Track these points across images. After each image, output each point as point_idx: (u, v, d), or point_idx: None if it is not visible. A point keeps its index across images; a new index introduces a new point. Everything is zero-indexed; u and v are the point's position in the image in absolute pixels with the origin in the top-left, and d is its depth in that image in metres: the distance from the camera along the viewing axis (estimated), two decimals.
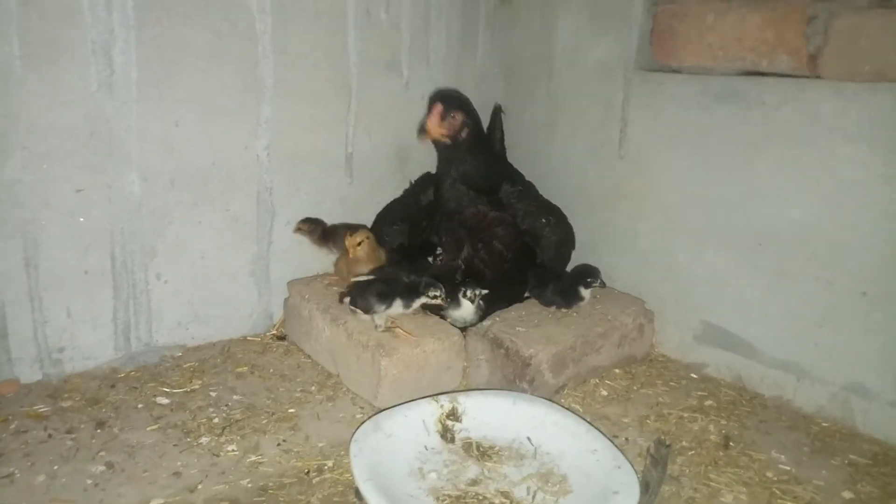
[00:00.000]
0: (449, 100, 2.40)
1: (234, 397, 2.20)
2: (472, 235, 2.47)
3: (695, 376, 2.43)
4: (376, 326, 2.25)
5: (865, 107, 1.95)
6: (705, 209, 2.40)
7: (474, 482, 1.79)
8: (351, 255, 2.40)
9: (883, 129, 1.92)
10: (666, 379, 2.40)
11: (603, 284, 2.46)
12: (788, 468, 1.89)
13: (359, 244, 2.43)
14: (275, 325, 2.70)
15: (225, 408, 2.13)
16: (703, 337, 2.47)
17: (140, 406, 2.11)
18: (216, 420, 2.06)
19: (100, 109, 2.15)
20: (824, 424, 2.11)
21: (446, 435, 1.97)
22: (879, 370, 2.01)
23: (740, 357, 2.35)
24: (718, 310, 2.41)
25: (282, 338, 2.64)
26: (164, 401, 2.15)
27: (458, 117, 2.37)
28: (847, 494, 1.78)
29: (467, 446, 1.94)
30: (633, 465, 1.73)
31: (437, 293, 2.26)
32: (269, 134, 2.53)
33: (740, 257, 2.31)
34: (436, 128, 2.35)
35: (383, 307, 2.21)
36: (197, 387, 2.24)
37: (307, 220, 2.58)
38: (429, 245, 2.49)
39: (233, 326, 2.61)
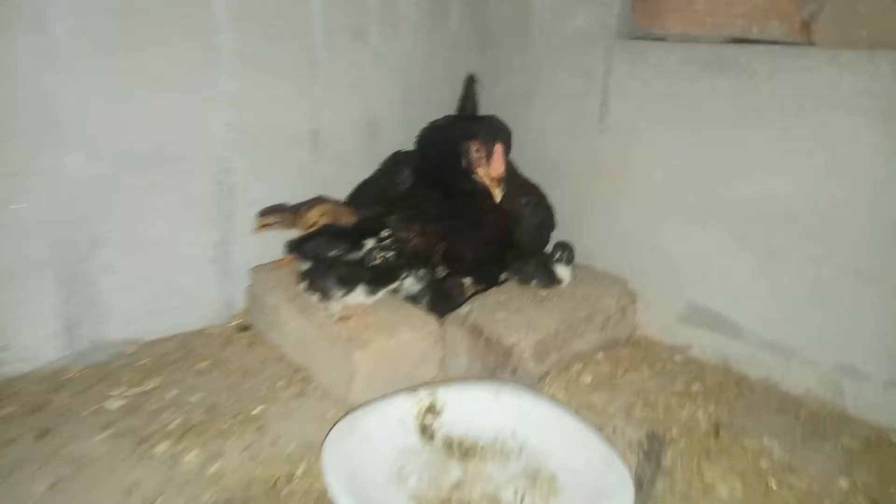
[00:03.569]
0: (506, 138, 2.26)
1: (194, 397, 2.03)
2: (465, 226, 2.34)
3: (679, 358, 2.35)
4: (330, 315, 2.10)
5: (862, 76, 1.85)
6: (691, 184, 2.29)
7: (457, 486, 1.68)
8: None
9: (880, 100, 1.82)
10: (651, 362, 2.31)
11: (569, 259, 2.34)
12: (782, 455, 1.82)
13: (311, 227, 2.28)
14: (237, 315, 2.52)
15: (184, 410, 1.96)
16: (687, 317, 2.38)
17: (88, 411, 1.92)
18: (174, 424, 1.89)
19: (37, 83, 1.93)
20: (814, 407, 2.05)
21: (426, 433, 1.84)
22: (871, 351, 1.95)
23: (726, 338, 2.27)
24: (704, 289, 2.33)
25: (245, 328, 2.47)
26: (116, 404, 1.97)
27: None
28: (843, 483, 1.72)
29: (448, 445, 1.82)
30: (625, 463, 1.63)
31: (416, 272, 2.18)
32: (229, 109, 2.32)
33: (727, 235, 2.22)
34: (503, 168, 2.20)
35: (342, 293, 2.07)
36: (153, 387, 2.07)
37: (273, 211, 2.38)
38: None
39: (192, 318, 2.42)
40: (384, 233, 2.30)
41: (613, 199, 2.54)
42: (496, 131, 2.22)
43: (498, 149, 2.15)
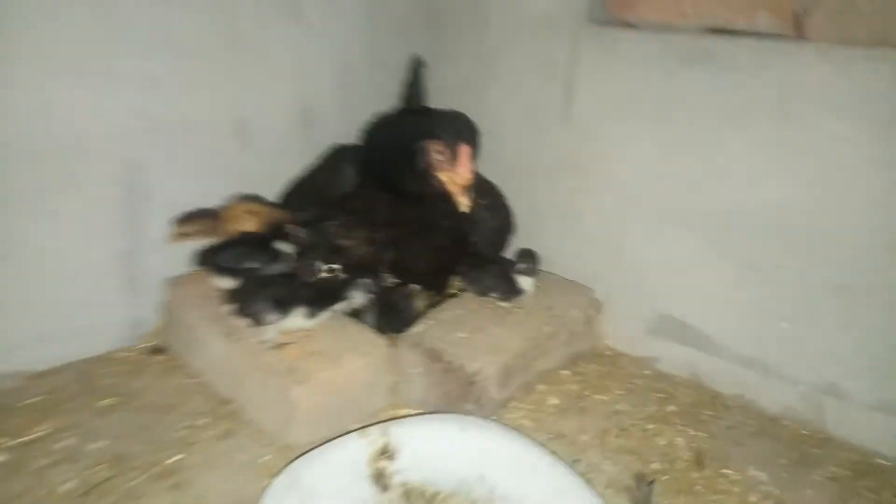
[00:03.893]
0: (473, 138, 1.93)
1: (97, 445, 1.68)
2: (418, 233, 2.06)
3: (648, 373, 2.18)
4: (264, 342, 1.80)
5: (859, 76, 1.69)
6: (664, 187, 2.10)
7: None
8: None
9: (878, 104, 1.67)
10: (619, 380, 2.13)
11: (532, 270, 2.11)
12: (771, 489, 1.68)
13: (235, 221, 1.98)
14: (150, 336, 2.16)
15: (83, 463, 1.61)
16: (656, 329, 2.21)
17: None
18: (71, 484, 1.54)
19: None
20: (794, 428, 1.92)
21: (380, 481, 1.58)
22: (856, 370, 1.83)
23: (698, 352, 2.12)
24: (675, 300, 2.16)
25: (159, 351, 2.11)
26: None
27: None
28: None
29: (407, 495, 1.57)
30: None
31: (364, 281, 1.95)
32: (135, 96, 1.95)
33: (703, 243, 2.05)
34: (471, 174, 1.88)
35: (277, 318, 1.76)
36: (43, 433, 1.70)
37: (193, 217, 2.03)
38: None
39: (95, 341, 2.04)
40: (287, 228, 1.99)
41: (577, 199, 2.32)
42: (461, 129, 1.91)
43: (464, 150, 1.85)
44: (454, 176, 1.85)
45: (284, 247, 1.99)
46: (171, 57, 2.00)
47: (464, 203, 1.85)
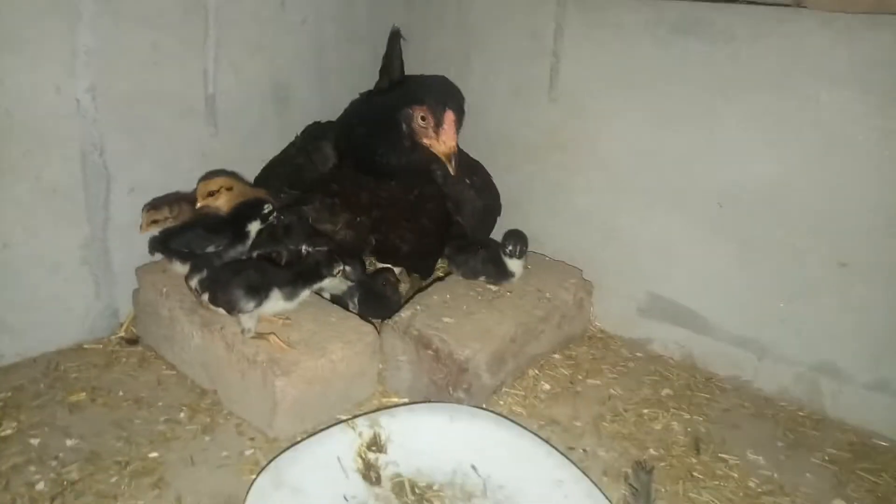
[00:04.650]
0: (458, 104, 1.86)
1: (68, 443, 1.60)
2: (402, 215, 1.97)
3: (641, 355, 2.14)
4: (243, 331, 1.71)
5: (860, 44, 1.62)
6: (655, 163, 2.03)
7: None
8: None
9: (881, 72, 1.61)
10: (612, 362, 2.08)
11: (522, 252, 2.03)
12: (770, 473, 1.64)
13: (210, 195, 1.87)
14: (122, 325, 2.06)
15: (54, 463, 1.53)
16: (648, 310, 2.16)
17: None
18: (41, 486, 1.46)
19: None
20: (791, 409, 1.89)
21: (369, 474, 1.52)
22: (855, 350, 1.79)
23: (692, 332, 2.07)
24: (668, 280, 2.10)
25: (133, 341, 2.02)
26: None
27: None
28: (839, 503, 1.56)
29: (398, 487, 1.51)
30: (609, 500, 1.39)
31: (345, 268, 1.84)
32: (92, 71, 1.84)
33: (696, 221, 1.99)
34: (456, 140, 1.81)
35: (253, 304, 1.67)
36: (10, 432, 1.61)
37: (163, 203, 1.91)
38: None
39: (62, 333, 1.95)
40: (266, 208, 1.89)
41: (566, 177, 2.25)
42: (446, 95, 1.84)
43: (449, 116, 1.77)
44: (439, 144, 1.77)
45: (254, 226, 1.89)
46: (131, 29, 1.88)
47: (452, 169, 1.78)
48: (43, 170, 1.81)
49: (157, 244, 1.86)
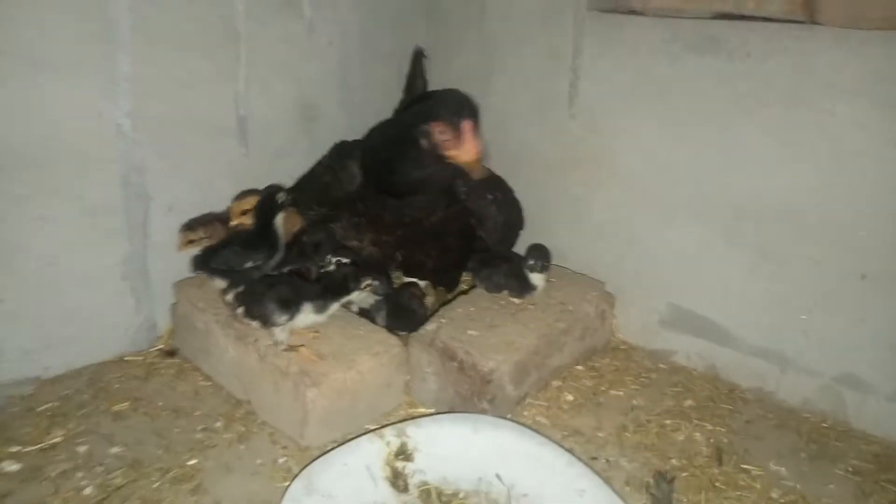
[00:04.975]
0: (472, 112, 1.90)
1: (112, 450, 1.68)
2: (426, 232, 2.04)
3: (664, 367, 2.16)
4: (276, 343, 1.78)
5: (872, 60, 1.66)
6: (674, 178, 2.07)
7: None
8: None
9: (892, 86, 1.64)
10: (634, 374, 2.11)
11: (544, 267, 2.07)
12: (792, 484, 1.66)
13: (244, 214, 1.96)
14: (161, 338, 2.15)
15: (100, 469, 1.61)
16: (670, 322, 2.19)
17: None
18: (88, 490, 1.54)
19: None
20: (814, 421, 1.90)
21: (397, 482, 1.57)
22: (877, 361, 1.80)
23: (714, 344, 2.10)
24: (689, 292, 2.13)
25: (171, 353, 2.11)
26: (12, 467, 1.60)
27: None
28: None
29: (425, 495, 1.56)
30: None
31: (372, 283, 1.87)
32: (132, 96, 1.93)
33: (715, 233, 2.02)
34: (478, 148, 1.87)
35: (286, 318, 1.74)
36: (58, 440, 1.70)
37: (199, 223, 2.01)
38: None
39: (104, 346, 2.04)
40: (279, 198, 1.96)
41: (586, 192, 2.30)
42: (459, 106, 1.89)
43: (466, 126, 1.83)
44: (462, 153, 1.83)
45: (279, 219, 1.96)
46: (167, 55, 1.97)
47: (477, 173, 1.86)
48: (86, 191, 1.91)
49: (199, 264, 1.94)
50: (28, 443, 1.67)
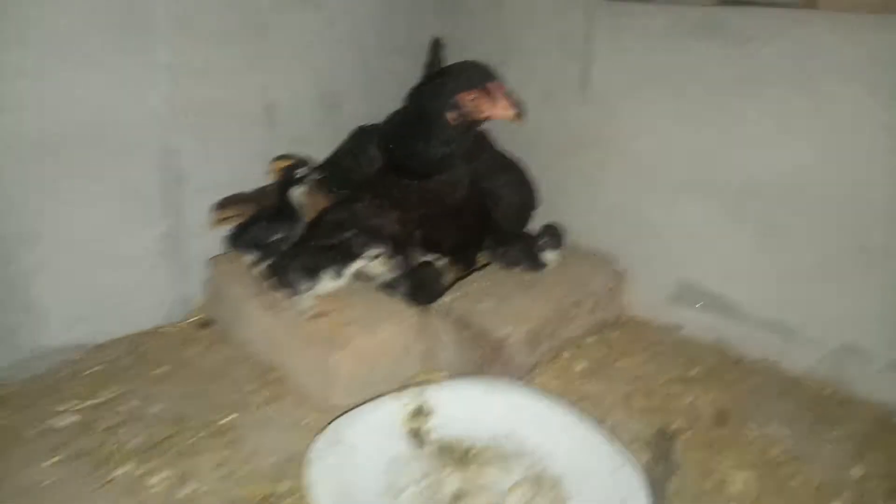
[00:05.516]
0: (493, 73, 2.04)
1: (154, 408, 1.82)
2: (444, 212, 2.15)
3: (672, 339, 2.26)
4: (303, 311, 1.92)
5: (867, 43, 1.74)
6: (681, 158, 2.17)
7: (458, 496, 1.55)
8: None
9: (887, 70, 1.72)
10: (643, 345, 2.21)
11: (556, 245, 2.19)
12: (791, 444, 1.75)
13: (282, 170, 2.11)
14: (196, 311, 2.29)
15: (144, 424, 1.76)
16: (678, 296, 2.28)
17: (34, 432, 1.71)
18: (134, 442, 1.69)
19: None
20: (816, 389, 1.98)
21: (416, 438, 1.69)
22: (877, 330, 1.88)
23: (721, 317, 2.19)
24: (696, 267, 2.23)
25: (206, 325, 2.25)
26: (65, 421, 1.75)
27: None
28: (857, 471, 1.66)
29: (442, 450, 1.68)
30: (635, 463, 1.53)
31: (378, 251, 1.97)
32: (168, 83, 2.06)
33: (722, 211, 2.11)
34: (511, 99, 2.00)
35: (308, 285, 1.88)
36: (105, 399, 1.85)
37: (231, 202, 2.15)
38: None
39: (143, 316, 2.19)
40: (298, 172, 2.10)
41: (598, 172, 2.40)
42: (482, 70, 2.03)
43: (495, 86, 1.97)
44: (499, 109, 1.97)
45: (296, 192, 2.09)
46: (200, 46, 2.10)
47: (522, 121, 1.99)
48: (127, 173, 2.05)
49: (232, 240, 2.09)
50: (78, 401, 1.82)
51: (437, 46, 2.57)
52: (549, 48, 2.43)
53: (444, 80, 2.11)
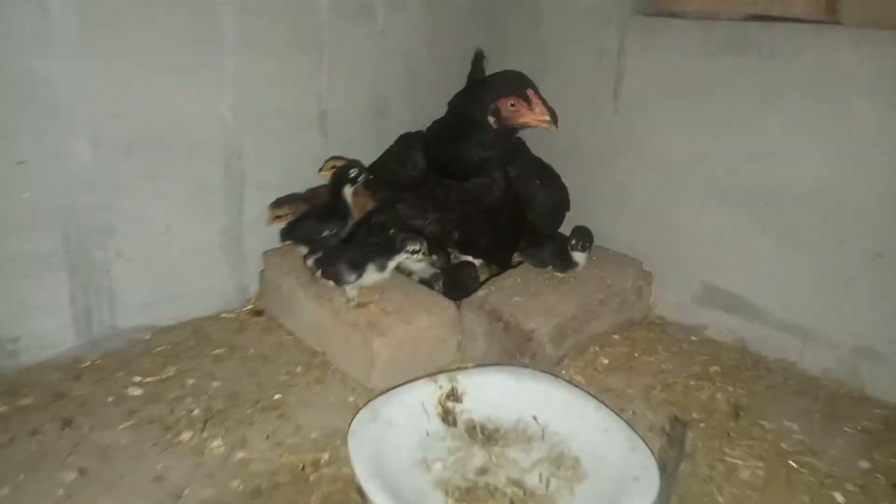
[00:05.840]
0: (531, 81, 2.23)
1: (214, 384, 2.03)
2: (481, 213, 2.31)
3: (695, 339, 2.36)
4: (348, 300, 2.09)
5: (889, 58, 1.82)
6: (708, 166, 2.27)
7: (482, 470, 1.68)
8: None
9: None
10: (667, 344, 2.32)
11: (585, 246, 2.29)
12: (802, 437, 1.84)
13: (333, 168, 2.30)
14: (250, 300, 2.51)
15: (205, 397, 1.96)
16: (703, 298, 2.38)
17: (110, 399, 1.92)
18: (196, 412, 1.89)
19: (37, 68, 1.88)
20: (832, 388, 2.06)
21: (448, 418, 1.85)
22: (891, 334, 1.95)
23: (743, 319, 2.28)
24: (720, 271, 2.32)
25: (259, 313, 2.46)
26: (137, 392, 1.97)
27: None
28: (864, 464, 1.74)
29: (471, 429, 1.82)
30: (649, 447, 1.64)
31: (417, 247, 2.09)
32: (234, 92, 2.28)
33: (745, 216, 2.21)
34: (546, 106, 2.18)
35: (355, 276, 2.05)
36: (171, 374, 2.06)
37: (286, 201, 2.36)
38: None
39: (205, 304, 2.40)
40: (352, 172, 2.27)
41: (628, 179, 2.52)
42: (520, 78, 2.20)
43: (531, 93, 2.13)
44: (536, 115, 2.12)
45: (347, 191, 2.26)
46: (262, 58, 2.31)
47: (553, 127, 2.14)
48: (195, 172, 2.27)
49: (286, 234, 2.29)
50: (148, 375, 2.04)
51: (479, 58, 2.73)
52: (584, 60, 2.56)
53: (486, 86, 2.27)
